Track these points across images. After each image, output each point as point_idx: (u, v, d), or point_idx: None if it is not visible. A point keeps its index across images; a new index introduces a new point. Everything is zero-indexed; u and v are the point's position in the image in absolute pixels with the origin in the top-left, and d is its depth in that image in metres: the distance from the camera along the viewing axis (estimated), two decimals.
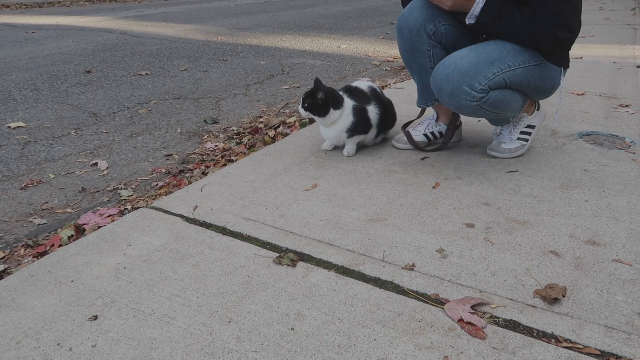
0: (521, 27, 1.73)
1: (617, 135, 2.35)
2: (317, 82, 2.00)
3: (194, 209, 1.71)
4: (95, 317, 1.19)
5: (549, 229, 1.55)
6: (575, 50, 4.16)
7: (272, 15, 8.21)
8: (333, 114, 2.01)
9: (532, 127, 2.11)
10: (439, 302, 1.24)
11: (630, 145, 2.23)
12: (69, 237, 1.73)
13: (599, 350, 1.08)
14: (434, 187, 1.85)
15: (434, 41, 1.91)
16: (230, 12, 8.57)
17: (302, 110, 2.03)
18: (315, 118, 2.04)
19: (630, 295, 1.25)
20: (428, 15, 1.84)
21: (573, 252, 1.43)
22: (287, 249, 1.47)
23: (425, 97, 2.14)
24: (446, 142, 2.17)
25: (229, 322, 1.17)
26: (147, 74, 4.21)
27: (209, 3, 10.23)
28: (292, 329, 1.15)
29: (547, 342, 1.10)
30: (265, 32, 6.44)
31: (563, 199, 1.74)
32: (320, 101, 1.98)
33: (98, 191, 2.16)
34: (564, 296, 1.24)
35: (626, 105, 2.81)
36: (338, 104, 2.02)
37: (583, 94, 3.07)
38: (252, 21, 7.44)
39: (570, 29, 1.71)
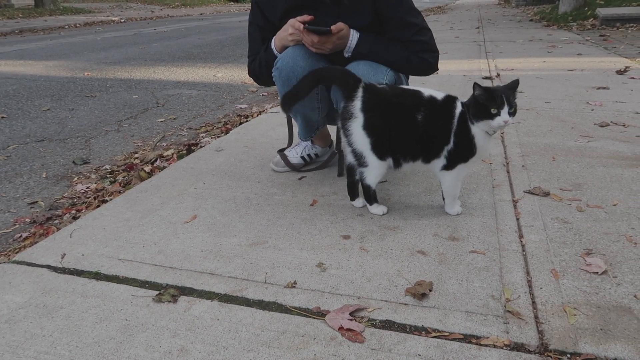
0: (396, 56, 1.94)
1: None
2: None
3: (62, 257, 1.59)
4: None
5: (416, 231, 1.69)
6: None
7: (143, 47, 7.96)
8: None
9: None
10: (320, 314, 1.29)
11: None
12: None
13: (462, 334, 1.20)
14: (311, 205, 1.92)
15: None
16: (97, 46, 8.16)
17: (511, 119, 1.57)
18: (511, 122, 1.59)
19: (485, 281, 1.40)
20: (313, 62, 1.93)
21: (437, 249, 1.58)
22: (167, 285, 1.43)
23: (309, 131, 2.27)
24: (327, 163, 2.30)
25: None
26: (2, 117, 3.85)
27: (73, 37, 9.65)
28: None
29: (419, 335, 1.20)
30: (137, 64, 6.23)
31: (427, 202, 1.91)
32: None
33: None
34: (430, 290, 1.36)
35: None
36: None
37: None
38: (121, 54, 7.15)
39: (435, 51, 1.98)
